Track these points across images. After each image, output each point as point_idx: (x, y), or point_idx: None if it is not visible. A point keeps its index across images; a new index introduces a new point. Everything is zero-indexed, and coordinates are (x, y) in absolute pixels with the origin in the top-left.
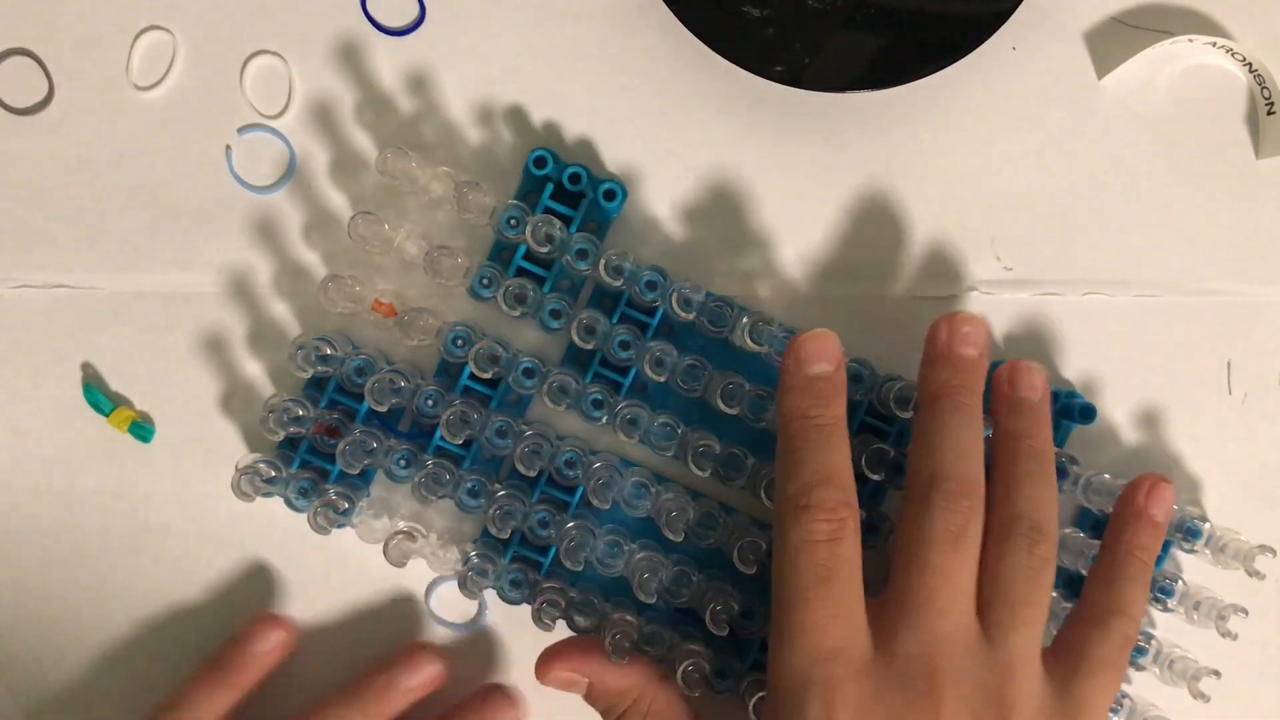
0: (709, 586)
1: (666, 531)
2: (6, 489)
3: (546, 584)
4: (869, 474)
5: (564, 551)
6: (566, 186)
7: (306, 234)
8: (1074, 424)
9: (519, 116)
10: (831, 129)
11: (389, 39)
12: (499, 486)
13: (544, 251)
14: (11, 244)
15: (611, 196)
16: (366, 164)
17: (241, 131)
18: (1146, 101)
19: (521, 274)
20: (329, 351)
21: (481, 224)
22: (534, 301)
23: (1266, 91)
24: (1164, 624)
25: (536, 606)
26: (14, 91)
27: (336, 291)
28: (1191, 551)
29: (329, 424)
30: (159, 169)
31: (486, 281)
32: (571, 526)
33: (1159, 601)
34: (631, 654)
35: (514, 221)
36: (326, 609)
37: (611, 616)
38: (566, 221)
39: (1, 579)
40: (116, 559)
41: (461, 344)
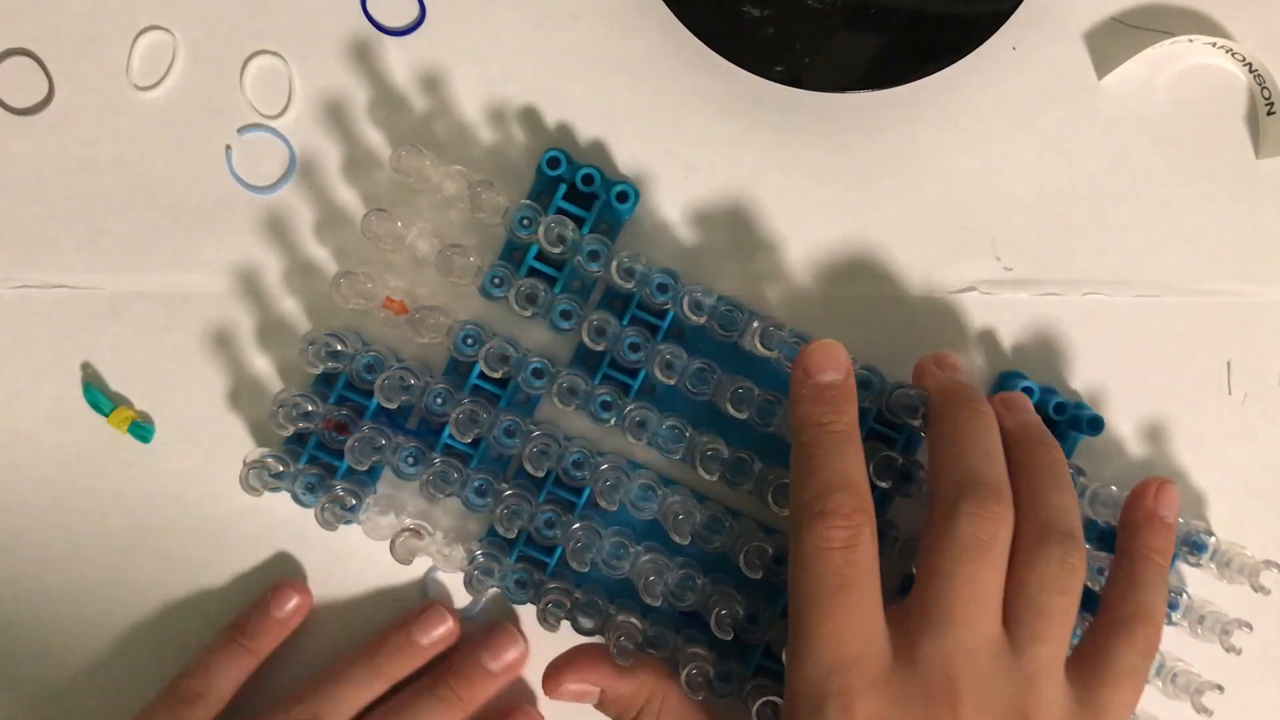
0: (714, 590)
1: (673, 534)
2: (6, 489)
3: (551, 584)
4: (877, 481)
5: (570, 552)
6: (579, 188)
7: (317, 231)
8: (1081, 435)
9: (528, 117)
10: (831, 129)
11: (390, 39)
12: (506, 486)
13: (556, 252)
14: (11, 244)
15: (624, 198)
16: (374, 163)
17: (241, 131)
18: (1146, 101)
19: (533, 274)
20: (339, 348)
21: (494, 223)
22: (545, 302)
23: (1266, 91)
24: (1167, 637)
25: (541, 607)
26: (14, 91)
27: (349, 288)
28: (1196, 565)
29: (338, 420)
30: (159, 169)
31: (498, 281)
32: (578, 527)
33: None
34: (636, 654)
35: (526, 221)
36: (327, 609)
37: (616, 618)
38: (579, 222)
39: (1, 579)
40: (116, 559)
41: (472, 343)
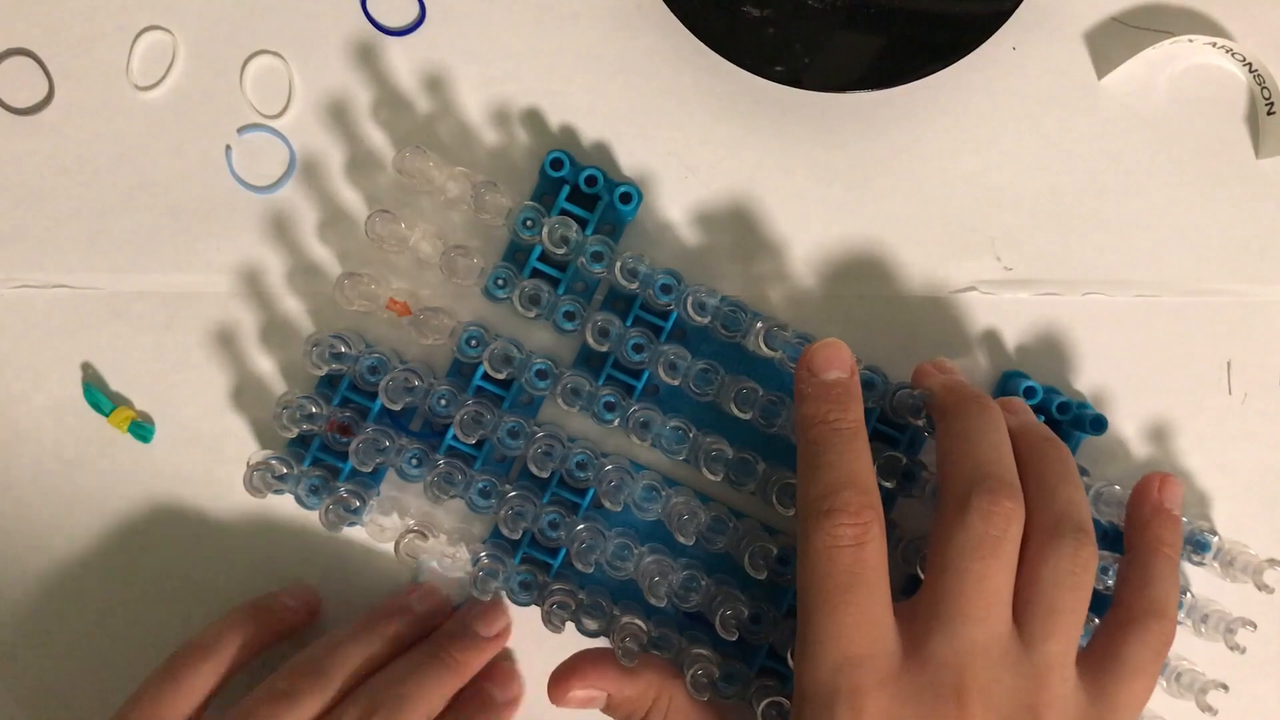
0: (718, 591)
1: (677, 535)
2: (6, 489)
3: (556, 586)
4: (882, 481)
5: (574, 553)
6: (583, 189)
7: (319, 232)
8: (1084, 434)
9: (530, 118)
10: (832, 129)
11: (390, 39)
12: (510, 487)
13: (560, 253)
14: (11, 244)
15: (627, 199)
16: (375, 164)
17: (241, 131)
18: (1146, 101)
19: (536, 275)
20: (343, 349)
21: (497, 224)
22: (548, 303)
23: (1266, 91)
24: None
25: (546, 608)
26: (14, 91)
27: (352, 289)
28: (1200, 564)
29: (341, 422)
30: (159, 169)
31: (501, 282)
32: (582, 528)
33: None
34: (640, 655)
35: (530, 223)
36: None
37: (620, 620)
38: (582, 224)
39: (1, 579)
40: (116, 559)
41: (475, 344)
